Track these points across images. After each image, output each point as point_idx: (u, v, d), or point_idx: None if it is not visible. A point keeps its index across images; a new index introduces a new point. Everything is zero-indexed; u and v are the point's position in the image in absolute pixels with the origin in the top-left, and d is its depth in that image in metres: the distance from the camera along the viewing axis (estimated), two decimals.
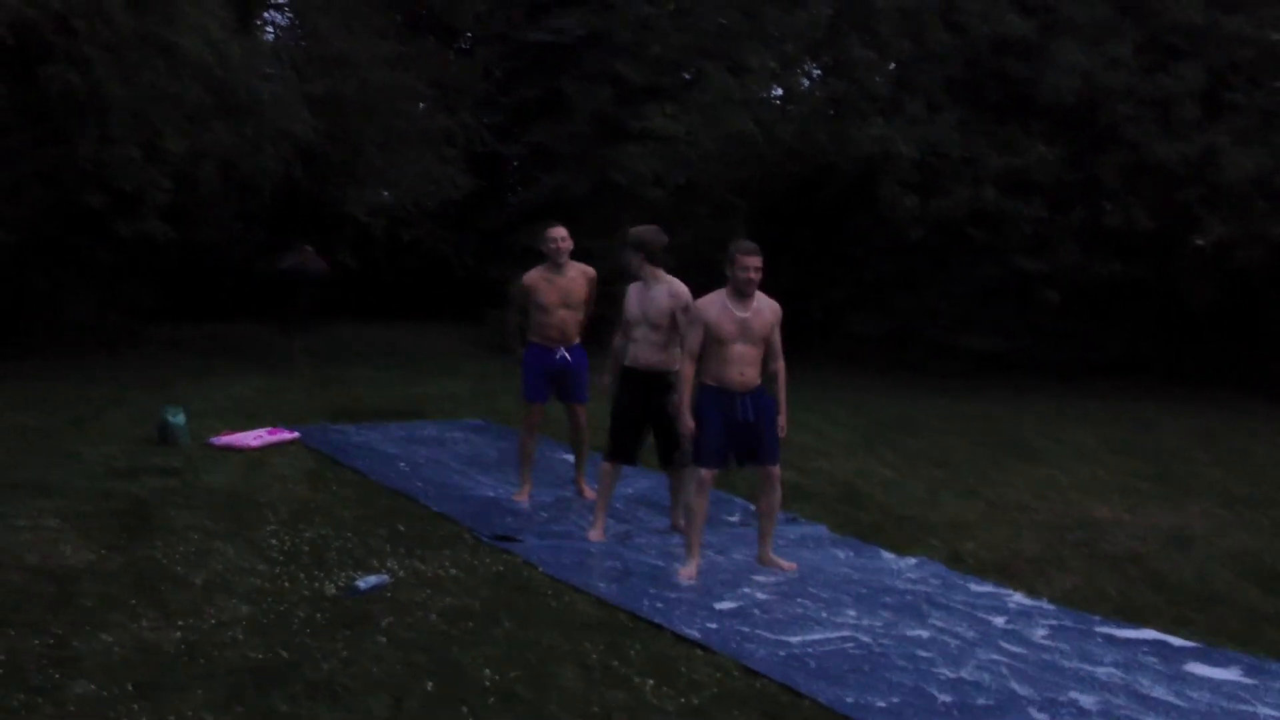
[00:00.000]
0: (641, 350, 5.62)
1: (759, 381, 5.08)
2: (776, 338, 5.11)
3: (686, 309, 5.35)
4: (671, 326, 5.49)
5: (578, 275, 6.46)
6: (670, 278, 5.65)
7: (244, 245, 18.59)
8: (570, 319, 6.44)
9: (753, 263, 4.94)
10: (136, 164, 10.90)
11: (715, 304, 5.01)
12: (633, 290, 5.73)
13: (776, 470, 5.20)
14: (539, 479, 6.77)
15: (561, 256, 6.43)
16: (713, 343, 5.01)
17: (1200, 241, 11.56)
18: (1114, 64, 12.45)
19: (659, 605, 4.52)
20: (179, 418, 7.52)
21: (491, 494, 6.56)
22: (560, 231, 6.44)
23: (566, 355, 6.44)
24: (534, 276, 6.46)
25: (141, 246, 13.17)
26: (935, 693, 3.70)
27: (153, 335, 16.01)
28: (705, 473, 5.07)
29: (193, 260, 18.44)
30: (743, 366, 5.01)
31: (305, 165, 13.29)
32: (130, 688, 3.51)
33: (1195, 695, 3.71)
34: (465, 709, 3.43)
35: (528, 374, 6.46)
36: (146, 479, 6.46)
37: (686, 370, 5.07)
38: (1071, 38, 12.66)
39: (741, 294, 4.99)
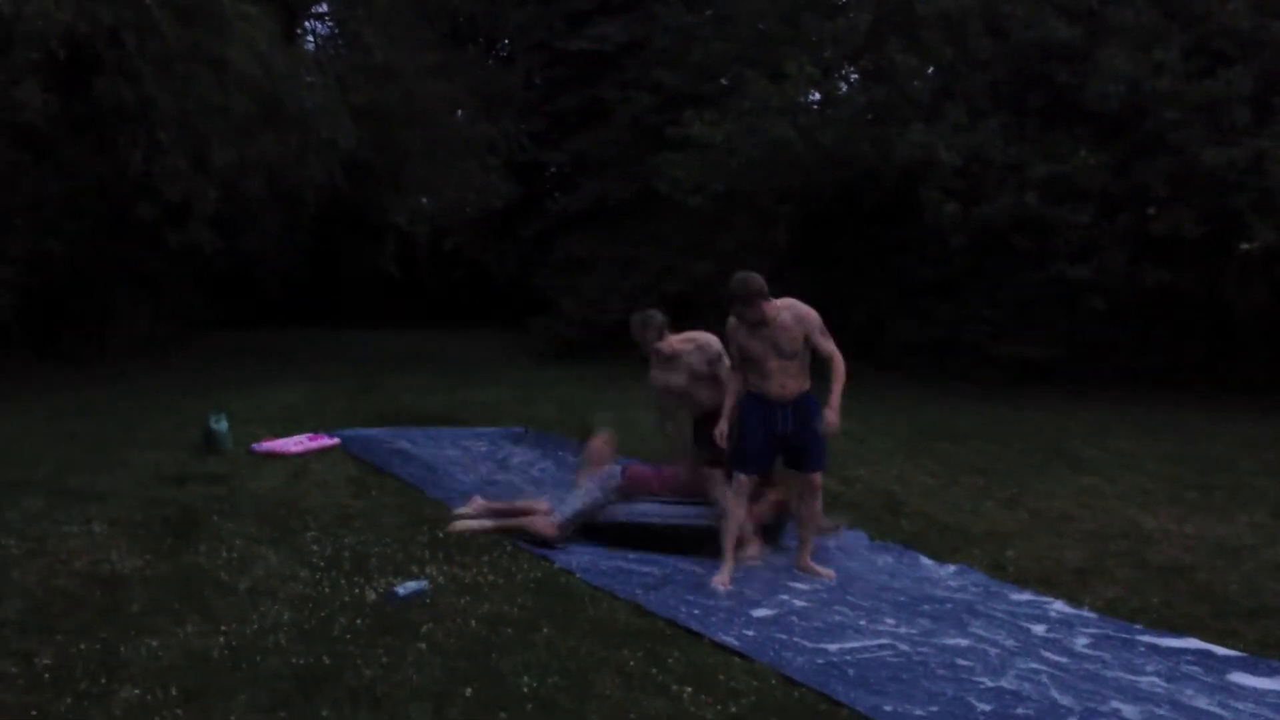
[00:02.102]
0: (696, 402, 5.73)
1: (804, 389, 5.08)
2: (820, 341, 5.06)
3: (720, 357, 5.52)
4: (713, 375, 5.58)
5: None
6: (694, 338, 5.73)
7: (288, 254, 18.85)
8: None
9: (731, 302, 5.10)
10: (184, 174, 11.09)
11: (740, 327, 5.10)
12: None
13: (818, 478, 5.19)
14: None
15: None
16: (748, 361, 5.09)
17: (1246, 246, 11.37)
18: (1160, 69, 12.28)
19: (696, 613, 4.52)
20: (222, 424, 7.64)
21: None
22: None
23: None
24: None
25: (190, 256, 13.40)
26: (975, 702, 3.67)
27: (202, 342, 16.26)
28: (744, 478, 5.08)
29: (240, 269, 18.73)
30: (783, 379, 5.04)
31: (349, 174, 13.46)
32: (175, 693, 3.57)
33: (1240, 706, 3.66)
34: (505, 716, 3.46)
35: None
36: (193, 486, 6.58)
37: (732, 385, 5.25)
38: (1117, 43, 12.51)
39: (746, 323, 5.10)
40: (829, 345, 5.06)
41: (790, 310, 5.06)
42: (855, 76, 15.76)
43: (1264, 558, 5.61)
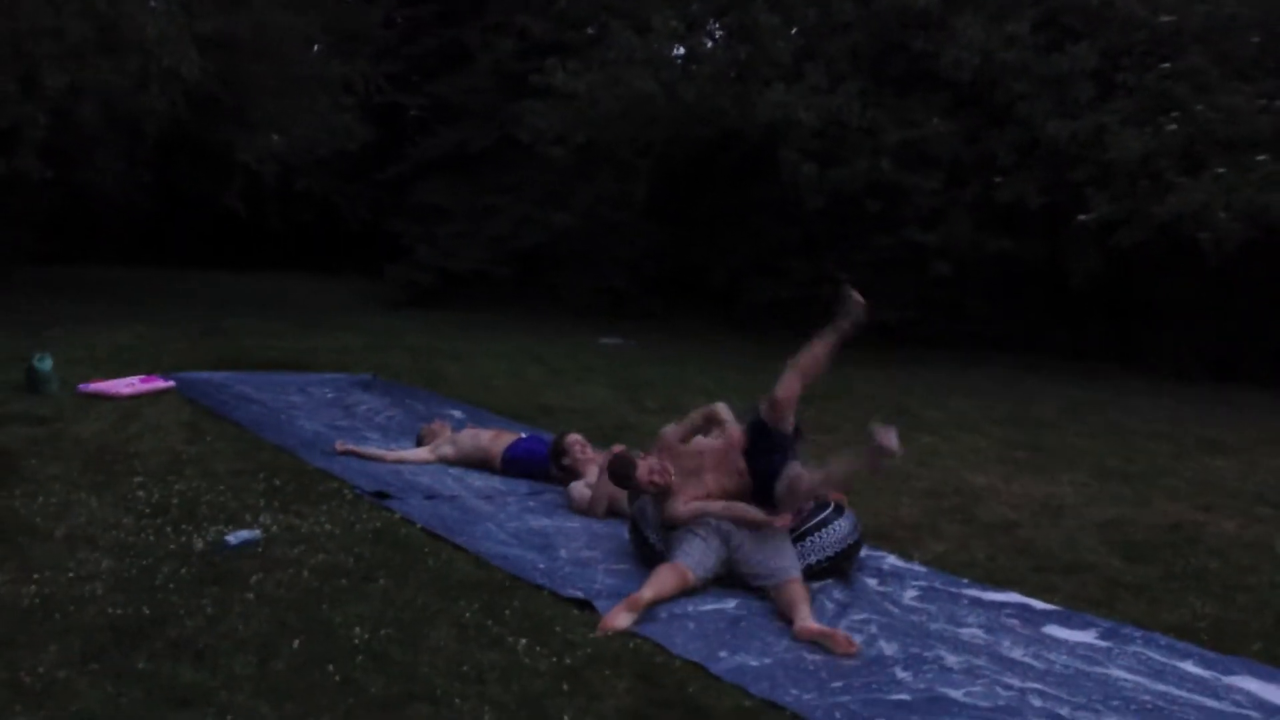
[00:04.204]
0: None
1: None
2: None
3: None
4: None
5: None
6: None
7: (128, 188, 17.96)
8: None
9: None
10: (12, 99, 10.44)
11: None
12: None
13: None
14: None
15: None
16: None
17: (1083, 217, 11.84)
18: (1012, 41, 12.65)
19: (541, 566, 4.49)
20: (45, 363, 7.25)
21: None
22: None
23: None
24: None
25: (18, 186, 12.65)
26: (806, 653, 3.75)
27: (31, 278, 15.44)
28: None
29: (75, 202, 17.82)
30: None
31: (193, 107, 12.83)
32: None
33: (1052, 657, 3.83)
34: (332, 668, 3.36)
35: None
36: (11, 427, 6.23)
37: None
38: (972, 14, 12.83)
39: None
40: None
41: None
42: (720, 33, 15.78)
43: (1083, 516, 5.88)
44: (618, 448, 5.79)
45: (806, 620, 3.98)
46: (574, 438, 5.96)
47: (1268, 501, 6.39)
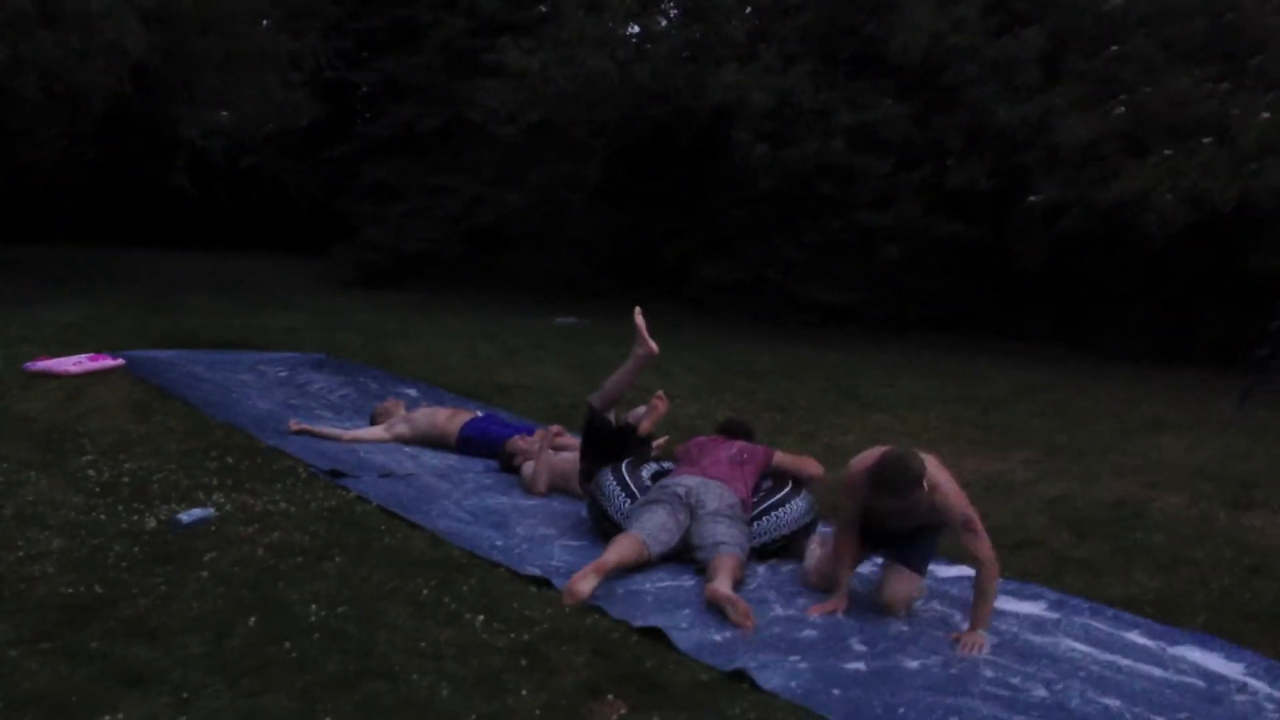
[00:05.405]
0: None
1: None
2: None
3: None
4: None
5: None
6: None
7: (71, 165, 17.59)
8: None
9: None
10: None
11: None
12: None
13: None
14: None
15: None
16: None
17: (1032, 199, 11.99)
18: (961, 25, 12.74)
19: (498, 544, 4.48)
20: None
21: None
22: None
23: None
24: None
25: None
26: (765, 626, 3.78)
27: None
28: None
29: (15, 179, 17.46)
30: None
31: (137, 82, 12.57)
32: None
33: (1003, 628, 3.91)
34: (288, 645, 3.34)
35: None
36: None
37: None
38: None
39: None
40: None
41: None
42: (675, 12, 15.76)
43: (1032, 493, 5.97)
44: (555, 428, 5.83)
45: (722, 584, 3.99)
46: (510, 442, 5.97)
47: (1210, 478, 6.53)
